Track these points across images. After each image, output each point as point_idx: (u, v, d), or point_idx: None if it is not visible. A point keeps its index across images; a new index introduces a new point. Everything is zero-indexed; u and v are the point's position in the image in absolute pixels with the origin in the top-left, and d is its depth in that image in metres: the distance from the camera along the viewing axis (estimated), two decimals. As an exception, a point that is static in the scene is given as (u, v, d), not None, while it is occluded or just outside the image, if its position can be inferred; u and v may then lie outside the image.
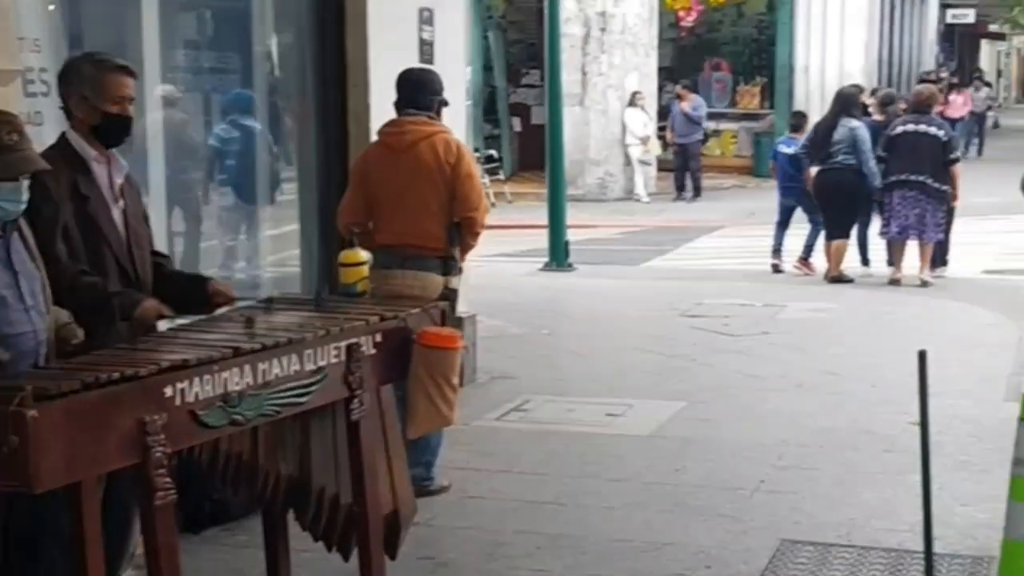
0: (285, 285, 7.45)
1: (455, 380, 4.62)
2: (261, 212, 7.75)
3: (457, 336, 4.65)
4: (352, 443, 4.38)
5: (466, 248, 6.23)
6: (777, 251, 13.59)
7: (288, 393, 4.03)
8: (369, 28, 7.42)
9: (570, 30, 21.12)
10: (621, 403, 8.03)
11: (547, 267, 13.94)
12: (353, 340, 4.28)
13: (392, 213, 6.11)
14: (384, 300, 4.76)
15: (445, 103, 6.42)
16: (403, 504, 4.74)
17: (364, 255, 4.88)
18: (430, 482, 6.23)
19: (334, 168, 7.41)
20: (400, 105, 6.27)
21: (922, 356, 3.76)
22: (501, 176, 21.94)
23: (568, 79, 19.45)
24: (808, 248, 13.40)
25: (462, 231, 6.14)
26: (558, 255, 13.90)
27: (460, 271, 6.24)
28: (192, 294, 4.55)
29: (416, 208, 6.06)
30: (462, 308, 7.35)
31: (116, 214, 4.40)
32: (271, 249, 7.90)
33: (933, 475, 6.24)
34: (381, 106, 7.16)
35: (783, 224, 13.60)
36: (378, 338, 4.42)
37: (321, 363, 4.15)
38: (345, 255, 4.91)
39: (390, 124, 6.29)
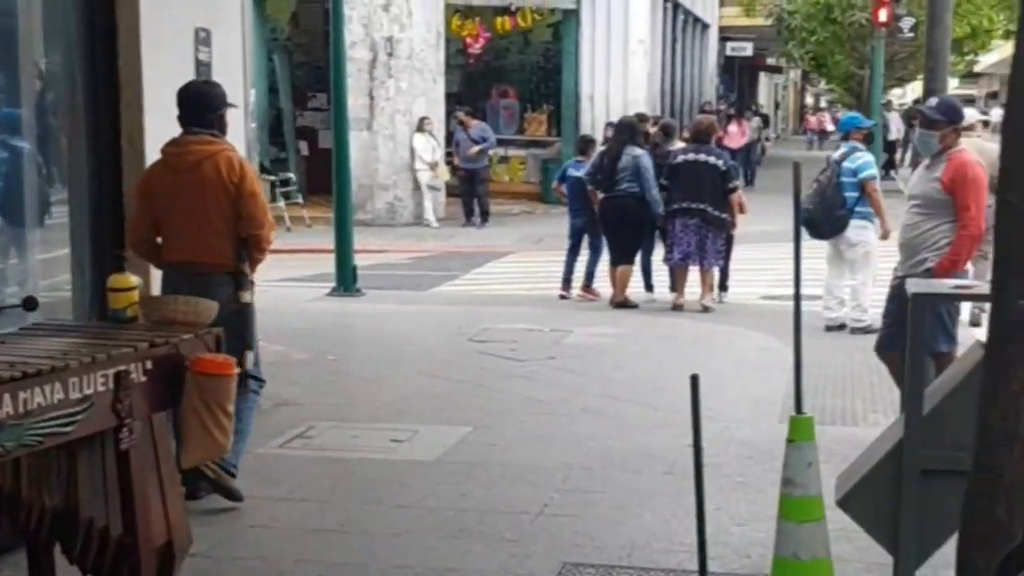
0: (57, 310, 7.16)
1: (230, 407, 4.50)
2: (30, 235, 7.44)
3: (231, 363, 4.52)
4: (122, 473, 4.23)
5: (255, 263, 6.31)
6: (567, 281, 13.73)
7: (52, 422, 3.86)
8: (143, 47, 7.21)
9: (357, 54, 21.05)
10: (407, 429, 7.96)
11: (334, 292, 13.80)
12: (122, 367, 4.13)
13: (179, 231, 6.19)
14: (156, 326, 4.60)
15: (229, 106, 6.45)
16: (178, 534, 4.58)
17: (134, 280, 4.72)
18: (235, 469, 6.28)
19: (106, 190, 7.15)
20: (183, 122, 6.26)
21: (694, 380, 3.81)
22: (299, 200, 21.70)
23: (355, 103, 19.38)
24: (589, 275, 13.63)
25: (249, 248, 6.22)
26: (345, 280, 13.79)
27: (252, 285, 6.33)
28: None
29: (202, 227, 6.14)
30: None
31: None
32: (42, 273, 7.59)
33: (710, 496, 6.37)
34: (156, 127, 6.98)
35: (575, 249, 13.76)
36: (148, 365, 4.27)
37: (87, 391, 3.99)
38: (114, 280, 4.73)
39: (172, 143, 6.28)
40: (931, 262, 7.15)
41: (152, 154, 6.72)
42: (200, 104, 6.26)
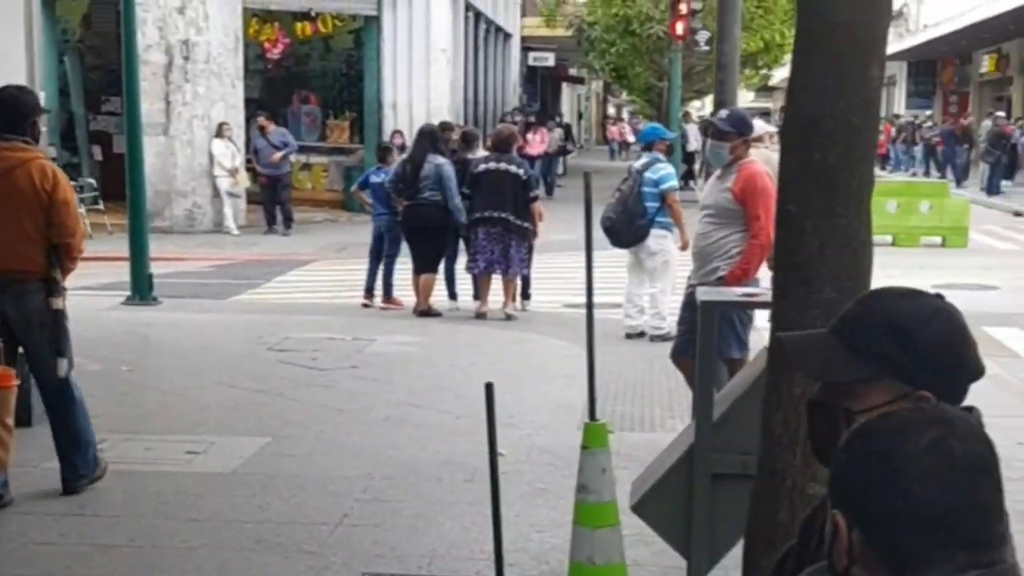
0: None
1: (9, 420, 4.33)
2: None
3: (10, 374, 4.35)
4: None
5: (66, 271, 6.41)
6: (370, 289, 13.66)
7: None
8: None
9: (152, 57, 20.58)
10: (203, 440, 7.80)
11: (129, 301, 13.44)
12: None
13: None
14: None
15: (43, 112, 6.55)
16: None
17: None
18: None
19: None
20: None
21: (488, 388, 3.81)
22: (100, 206, 21.09)
23: (151, 108, 18.95)
24: (388, 285, 13.59)
25: (61, 255, 6.32)
26: (141, 288, 13.44)
27: (64, 291, 6.44)
28: None
29: (15, 234, 6.22)
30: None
31: None
32: None
33: (511, 503, 6.42)
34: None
35: (376, 256, 13.68)
36: (-78, 380, 4.09)
37: None
38: None
39: None
40: (723, 270, 7.33)
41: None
42: (12, 111, 6.27)
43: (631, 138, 46.93)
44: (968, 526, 1.58)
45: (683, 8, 26.19)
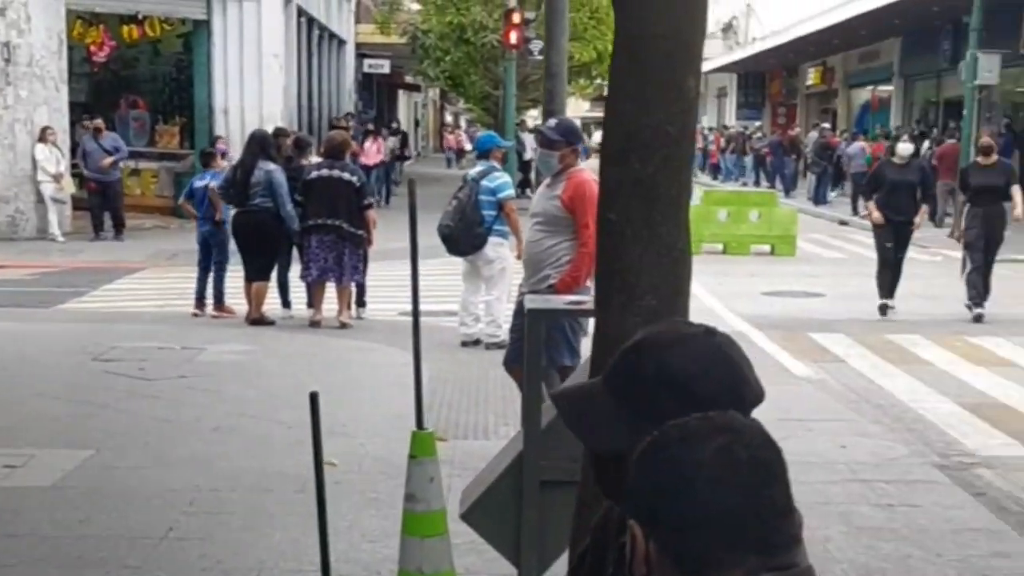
0: None
1: None
2: None
3: None
4: None
5: None
6: (200, 298, 13.41)
7: None
8: None
9: (-30, 60, 19.94)
10: (21, 454, 7.55)
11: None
12: None
13: None
14: None
15: None
16: None
17: None
18: None
19: None
20: None
21: (313, 398, 3.77)
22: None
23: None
24: (219, 294, 13.37)
25: None
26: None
27: None
28: None
29: None
30: None
31: None
32: None
33: (343, 513, 6.37)
34: None
35: (205, 264, 13.43)
36: None
37: None
38: None
39: None
40: (554, 278, 7.39)
41: None
42: None
43: (468, 146, 47.08)
44: (758, 529, 1.60)
45: (516, 18, 26.36)
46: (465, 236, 11.23)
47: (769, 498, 1.63)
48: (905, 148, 13.98)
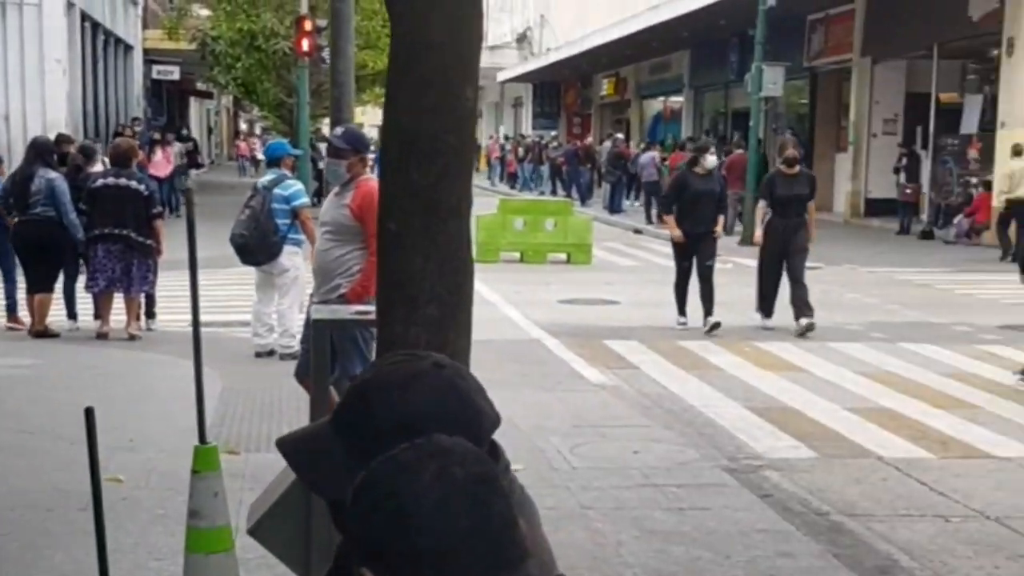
0: None
1: None
2: None
3: None
4: None
5: None
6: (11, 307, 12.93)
7: None
8: None
9: None
10: None
11: None
12: None
13: None
14: None
15: None
16: None
17: None
18: None
19: None
20: None
21: (88, 413, 3.66)
22: None
23: None
24: (10, 305, 12.90)
25: None
26: None
27: None
28: None
29: None
30: None
31: None
32: None
33: (128, 531, 6.21)
34: None
35: (10, 277, 12.95)
36: None
37: None
38: None
39: None
40: (344, 287, 7.33)
41: None
42: None
43: (261, 154, 46.48)
44: (490, 546, 1.58)
45: (308, 25, 26.15)
46: (260, 245, 11.07)
47: (497, 513, 1.60)
48: (711, 160, 14.11)
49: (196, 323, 4.56)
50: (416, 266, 3.51)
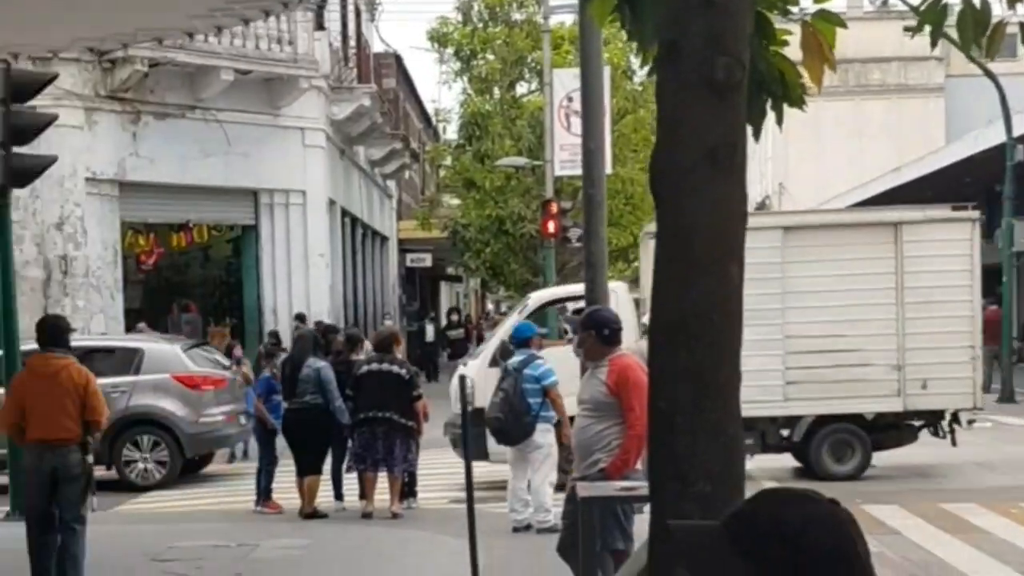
0: None
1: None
2: None
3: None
4: None
5: (94, 435, 9.34)
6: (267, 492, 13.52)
7: None
8: None
9: (30, 273, 20.58)
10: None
11: (9, 517, 13.13)
12: None
13: (42, 418, 9.01)
14: None
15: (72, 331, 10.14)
16: None
17: None
18: None
19: None
20: (43, 342, 9.36)
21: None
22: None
23: (31, 323, 18.79)
24: (267, 490, 13.47)
25: (89, 427, 9.14)
26: (20, 502, 13.13)
27: (90, 451, 9.34)
28: None
29: (59, 414, 8.97)
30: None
31: None
32: None
33: None
34: None
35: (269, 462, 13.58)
36: None
37: None
38: None
39: (37, 357, 9.42)
40: (604, 462, 7.51)
41: None
42: (56, 333, 9.40)
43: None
44: None
45: (554, 208, 26.89)
46: (514, 426, 11.41)
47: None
48: None
49: (471, 503, 4.81)
50: (686, 444, 3.62)
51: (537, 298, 16.56)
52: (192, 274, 27.79)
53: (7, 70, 13.33)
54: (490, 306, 78.83)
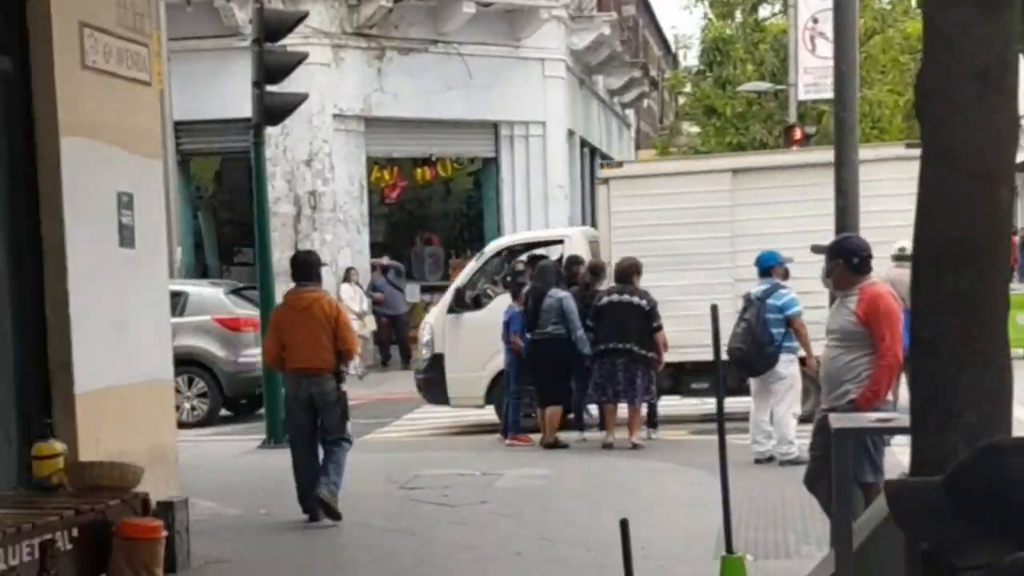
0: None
1: (158, 570, 4.46)
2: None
3: (159, 526, 4.50)
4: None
5: (346, 364, 10.02)
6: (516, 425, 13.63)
7: (-24, 595, 3.82)
8: (65, 213, 7.27)
9: (281, 209, 21.23)
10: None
11: (265, 445, 13.68)
12: (47, 536, 4.09)
13: (299, 349, 9.50)
14: (82, 492, 4.57)
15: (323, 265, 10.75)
16: None
17: (59, 446, 4.70)
18: None
19: (32, 356, 7.11)
20: (297, 277, 9.85)
21: (623, 525, 3.84)
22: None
23: (281, 257, 19.45)
24: (515, 424, 13.55)
25: (342, 356, 9.66)
26: (276, 433, 13.66)
27: (345, 379, 9.85)
28: None
29: (315, 344, 9.44)
30: (172, 493, 7.19)
31: None
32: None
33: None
34: (80, 292, 7.00)
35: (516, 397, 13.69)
36: (75, 532, 4.24)
37: (12, 562, 3.94)
38: (38, 447, 4.73)
39: (292, 292, 9.85)
40: (853, 393, 7.28)
41: (77, 320, 6.77)
42: (307, 267, 9.85)
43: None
44: None
45: (797, 133, 26.29)
46: (757, 357, 11.24)
47: None
48: None
49: (722, 432, 4.70)
50: (951, 373, 3.48)
51: (494, 246, 16.40)
52: (434, 207, 28.25)
53: (261, 10, 13.69)
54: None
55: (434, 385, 14.59)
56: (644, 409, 13.10)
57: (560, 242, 15.27)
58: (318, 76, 21.01)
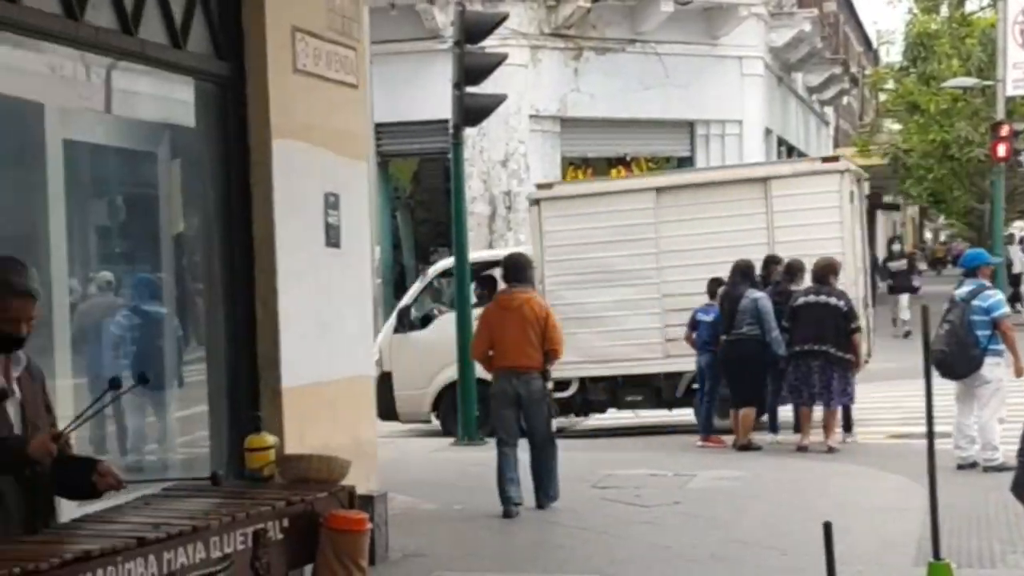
0: (194, 467, 7.38)
1: (363, 562, 4.63)
2: (167, 394, 7.72)
3: (365, 518, 4.66)
4: (260, 629, 4.35)
5: (552, 363, 10.04)
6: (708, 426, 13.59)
7: (194, 581, 4.01)
8: (276, 213, 7.53)
9: (476, 209, 21.51)
10: (534, 582, 7.97)
11: (459, 442, 13.92)
12: (260, 525, 4.28)
13: (508, 347, 9.80)
14: (291, 484, 4.76)
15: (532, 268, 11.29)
16: None
17: (270, 439, 4.91)
18: None
19: (242, 352, 7.40)
20: (508, 279, 10.21)
21: (827, 528, 3.83)
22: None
23: (476, 256, 19.73)
24: (708, 424, 13.45)
25: (549, 356, 9.88)
26: (469, 430, 13.90)
27: (550, 377, 10.13)
28: (77, 477, 4.24)
29: (524, 343, 9.73)
30: (372, 487, 7.40)
31: (11, 408, 4.22)
32: (179, 431, 7.85)
33: (843, 643, 6.29)
34: (288, 290, 7.25)
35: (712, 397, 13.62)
36: (285, 523, 4.42)
37: (227, 550, 4.13)
38: (251, 440, 4.93)
39: (503, 293, 10.24)
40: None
41: (285, 317, 7.02)
42: (520, 268, 10.16)
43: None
44: None
45: (1005, 130, 25.47)
46: (960, 359, 10.96)
47: None
48: None
49: (931, 436, 4.64)
50: None
51: (437, 267, 16.43)
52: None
53: (462, 12, 13.93)
54: (928, 235, 75.93)
55: (383, 402, 14.49)
56: (840, 412, 12.89)
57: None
58: (515, 77, 21.20)
